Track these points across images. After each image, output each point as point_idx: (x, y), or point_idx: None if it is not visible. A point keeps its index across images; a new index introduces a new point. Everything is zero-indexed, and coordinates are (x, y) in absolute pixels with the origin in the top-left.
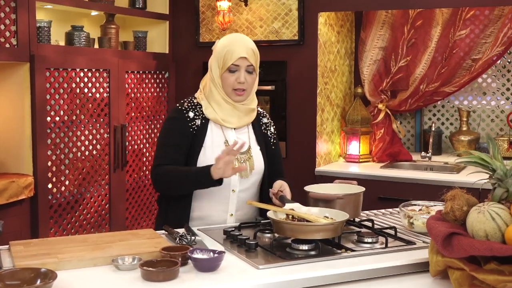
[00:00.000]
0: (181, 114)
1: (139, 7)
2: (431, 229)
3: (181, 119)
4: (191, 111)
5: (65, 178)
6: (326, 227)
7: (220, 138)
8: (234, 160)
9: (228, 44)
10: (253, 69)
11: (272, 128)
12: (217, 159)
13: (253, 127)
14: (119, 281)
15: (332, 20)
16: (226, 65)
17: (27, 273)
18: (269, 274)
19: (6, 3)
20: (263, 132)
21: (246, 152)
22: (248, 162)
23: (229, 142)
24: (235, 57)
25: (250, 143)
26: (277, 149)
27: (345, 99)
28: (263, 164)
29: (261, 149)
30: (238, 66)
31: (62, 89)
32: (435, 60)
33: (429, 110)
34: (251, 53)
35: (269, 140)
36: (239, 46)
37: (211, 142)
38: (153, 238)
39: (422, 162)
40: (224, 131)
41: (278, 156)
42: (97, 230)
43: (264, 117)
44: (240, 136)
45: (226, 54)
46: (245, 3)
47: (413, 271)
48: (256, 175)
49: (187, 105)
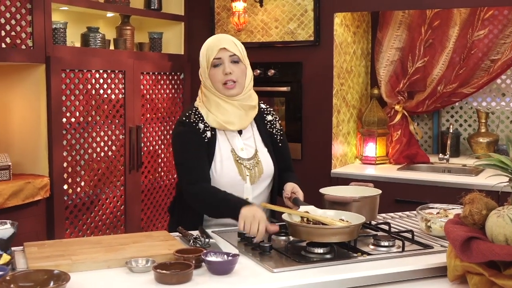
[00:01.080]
0: (191, 127)
1: (155, 8)
2: (449, 233)
3: (193, 131)
4: (200, 123)
5: (80, 179)
6: (342, 230)
7: (227, 147)
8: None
9: (208, 43)
10: (238, 59)
11: (278, 124)
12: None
13: (258, 128)
14: (133, 283)
15: (348, 20)
16: (209, 62)
17: (40, 275)
18: (283, 277)
19: (22, 5)
20: (269, 131)
21: (253, 157)
22: (256, 167)
23: (236, 151)
24: (216, 50)
25: (256, 147)
26: (284, 146)
27: (361, 100)
28: (272, 166)
29: (269, 150)
30: (221, 58)
31: (78, 90)
32: (453, 61)
33: (446, 112)
34: (230, 43)
35: (275, 138)
36: (217, 40)
37: (220, 155)
38: (167, 240)
39: (439, 164)
40: (230, 139)
41: (286, 152)
42: (112, 231)
43: (268, 114)
44: (247, 142)
45: (207, 52)
46: (261, 4)
47: (431, 276)
48: (266, 180)
49: (194, 117)
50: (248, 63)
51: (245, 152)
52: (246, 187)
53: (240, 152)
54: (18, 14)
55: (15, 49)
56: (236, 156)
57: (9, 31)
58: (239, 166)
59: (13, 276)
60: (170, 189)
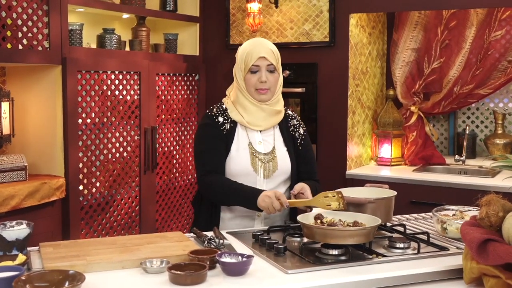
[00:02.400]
0: (211, 119)
1: (170, 9)
2: (466, 235)
3: (213, 124)
4: (220, 116)
5: (96, 179)
6: (358, 232)
7: (245, 140)
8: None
9: (247, 47)
10: (274, 68)
11: (301, 129)
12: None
13: (280, 129)
14: (147, 284)
15: (363, 21)
16: (247, 67)
17: (55, 275)
18: (298, 279)
19: (39, 7)
20: (291, 134)
21: (270, 152)
22: (271, 162)
23: (253, 144)
24: (255, 58)
25: (274, 144)
26: (306, 150)
27: (377, 102)
28: (290, 165)
29: (288, 150)
30: (259, 66)
31: (94, 92)
32: (469, 62)
33: (463, 113)
34: (270, 53)
35: (297, 142)
36: (258, 47)
37: (237, 145)
38: (182, 241)
39: (455, 166)
40: (249, 133)
41: (309, 157)
42: (127, 232)
43: (293, 119)
44: (266, 138)
45: (246, 57)
46: (276, 5)
47: (446, 278)
48: (281, 176)
49: (216, 110)
50: (281, 70)
51: (262, 147)
52: (259, 180)
53: (258, 145)
54: (34, 16)
55: (32, 50)
56: (252, 149)
57: (26, 32)
58: (253, 158)
59: (29, 276)
60: (185, 190)
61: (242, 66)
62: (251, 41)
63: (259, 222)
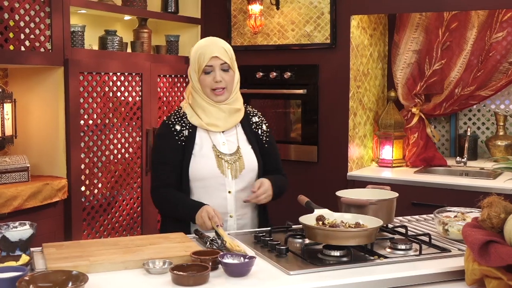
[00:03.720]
0: (168, 129)
1: (171, 11)
2: (467, 237)
3: (169, 134)
4: (177, 124)
5: (98, 180)
6: (360, 233)
7: (208, 143)
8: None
9: (199, 47)
10: (228, 67)
11: (264, 126)
12: (201, 215)
13: (243, 127)
14: (150, 284)
15: (364, 23)
16: (201, 68)
17: (59, 276)
18: (300, 280)
19: (41, 8)
20: (254, 131)
21: (235, 152)
22: (238, 162)
23: (217, 146)
24: (207, 58)
25: (239, 144)
26: (271, 147)
27: (378, 103)
28: (256, 162)
29: (253, 147)
30: (212, 66)
31: (96, 93)
32: (470, 63)
33: (464, 114)
34: (222, 52)
35: (261, 139)
36: (210, 47)
37: (200, 149)
38: (184, 242)
39: (457, 168)
40: (211, 135)
41: (274, 153)
42: (129, 233)
43: (254, 116)
44: (229, 138)
45: (199, 58)
46: (277, 6)
47: (448, 279)
48: (249, 174)
49: (173, 118)
50: (236, 67)
51: (226, 147)
52: (228, 181)
53: (222, 147)
54: (37, 17)
55: (34, 52)
56: (217, 151)
57: (28, 34)
58: (219, 161)
59: (32, 276)
60: None
61: (195, 67)
62: (203, 40)
63: (232, 223)
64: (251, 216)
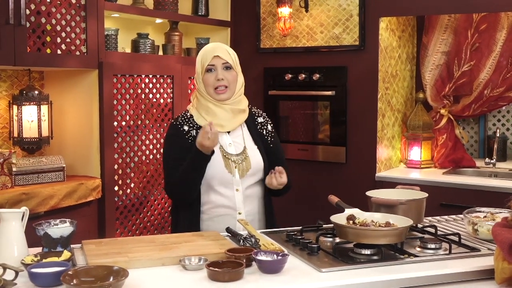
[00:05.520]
0: (176, 129)
1: (202, 14)
2: (497, 236)
3: (178, 134)
4: (185, 125)
5: (130, 181)
6: (390, 232)
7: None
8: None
9: (203, 50)
10: (230, 66)
11: (269, 126)
12: (199, 135)
13: (248, 128)
14: (186, 280)
15: (393, 25)
16: (204, 67)
17: (100, 271)
18: (332, 277)
19: (77, 13)
20: (259, 132)
21: (241, 153)
22: (244, 162)
23: (224, 147)
24: (210, 57)
25: (245, 144)
26: (276, 148)
27: (406, 104)
28: (262, 162)
29: (259, 147)
30: (214, 65)
31: (128, 95)
32: (500, 65)
33: (493, 116)
34: (224, 52)
35: (266, 139)
36: (211, 48)
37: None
38: (218, 240)
39: (486, 169)
40: (218, 136)
41: (279, 153)
42: (160, 232)
43: (259, 116)
44: (235, 139)
45: (202, 59)
46: (306, 9)
47: (478, 278)
48: (255, 174)
49: (181, 120)
50: (240, 70)
51: (233, 148)
52: (235, 180)
53: (228, 147)
54: (73, 22)
55: (70, 55)
56: (224, 152)
57: (64, 38)
58: (226, 161)
59: (75, 271)
60: None
61: (199, 68)
62: (207, 45)
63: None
64: (260, 210)
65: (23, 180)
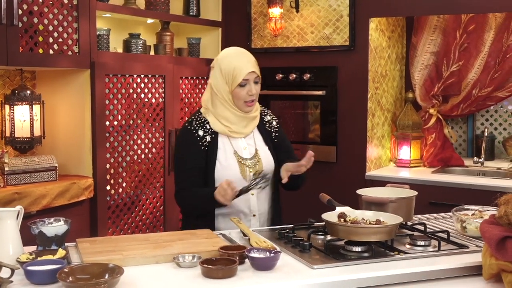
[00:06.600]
0: (191, 134)
1: (193, 14)
2: (485, 233)
3: (192, 140)
4: (200, 130)
5: (122, 180)
6: (380, 230)
7: (230, 149)
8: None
9: (232, 60)
10: (259, 79)
11: (274, 122)
12: (220, 187)
13: (258, 129)
14: (181, 277)
15: (383, 25)
16: (236, 81)
17: (96, 268)
18: (323, 274)
19: (69, 13)
20: (267, 130)
21: (254, 156)
22: (257, 165)
23: (238, 152)
24: (245, 73)
25: (256, 147)
26: (282, 140)
27: (396, 104)
28: (273, 163)
29: (269, 148)
30: (248, 80)
31: (120, 95)
32: (488, 65)
33: (481, 115)
34: (256, 65)
35: (272, 135)
36: (245, 61)
37: (224, 155)
38: (211, 238)
39: (474, 168)
40: (232, 141)
41: (286, 145)
42: (152, 231)
43: (266, 115)
44: (248, 141)
45: (234, 72)
46: (297, 9)
47: (466, 274)
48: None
49: (195, 124)
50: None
51: (247, 151)
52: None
53: (243, 151)
54: (65, 22)
55: (62, 55)
56: (239, 157)
57: (56, 38)
58: (241, 166)
59: (71, 268)
60: None
61: (229, 80)
62: (233, 52)
63: (255, 222)
64: (272, 210)
65: (16, 179)
